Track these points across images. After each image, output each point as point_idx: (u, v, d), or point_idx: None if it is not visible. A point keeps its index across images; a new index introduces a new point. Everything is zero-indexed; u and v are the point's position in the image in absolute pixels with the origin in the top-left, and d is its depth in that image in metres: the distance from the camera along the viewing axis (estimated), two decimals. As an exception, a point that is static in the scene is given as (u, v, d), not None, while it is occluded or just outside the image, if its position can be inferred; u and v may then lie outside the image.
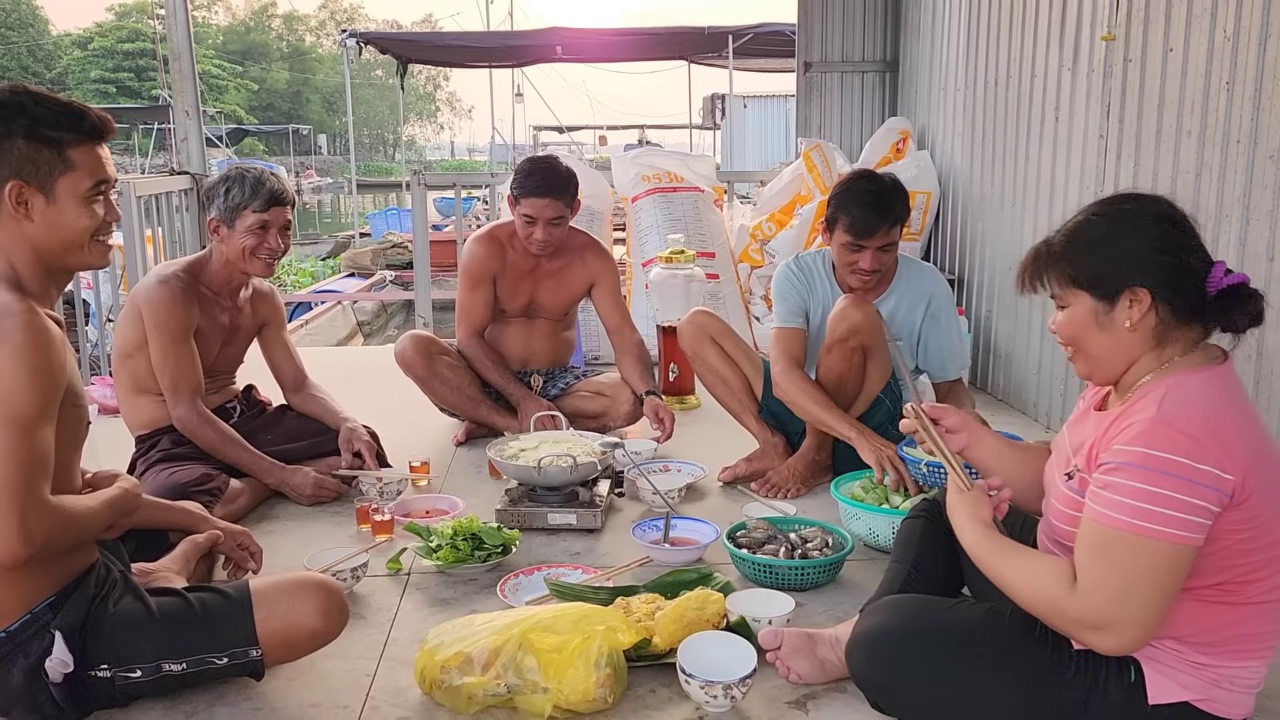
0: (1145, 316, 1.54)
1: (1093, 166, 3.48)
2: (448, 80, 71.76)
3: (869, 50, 5.75)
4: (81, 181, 1.73)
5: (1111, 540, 1.47)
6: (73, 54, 51.58)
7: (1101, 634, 1.50)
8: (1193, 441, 1.44)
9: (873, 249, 2.85)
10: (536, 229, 3.39)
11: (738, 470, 3.12)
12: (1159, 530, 1.44)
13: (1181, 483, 1.43)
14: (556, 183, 3.37)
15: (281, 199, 2.90)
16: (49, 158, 1.70)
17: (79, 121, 1.73)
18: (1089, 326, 1.59)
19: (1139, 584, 1.46)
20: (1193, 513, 1.44)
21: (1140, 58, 3.19)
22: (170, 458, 2.80)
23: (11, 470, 1.58)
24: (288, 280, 12.23)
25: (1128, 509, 1.46)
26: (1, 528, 1.57)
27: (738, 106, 21.60)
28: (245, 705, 1.87)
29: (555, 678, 1.79)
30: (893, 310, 3.01)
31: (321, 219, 27.22)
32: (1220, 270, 1.53)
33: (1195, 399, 1.49)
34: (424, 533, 2.53)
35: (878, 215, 2.82)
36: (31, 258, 1.73)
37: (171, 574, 2.08)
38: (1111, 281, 1.55)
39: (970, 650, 1.67)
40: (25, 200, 1.70)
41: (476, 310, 3.56)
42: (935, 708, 1.73)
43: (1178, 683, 1.56)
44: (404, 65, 14.34)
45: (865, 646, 1.78)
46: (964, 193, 4.70)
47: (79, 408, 1.77)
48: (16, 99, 1.69)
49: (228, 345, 3.04)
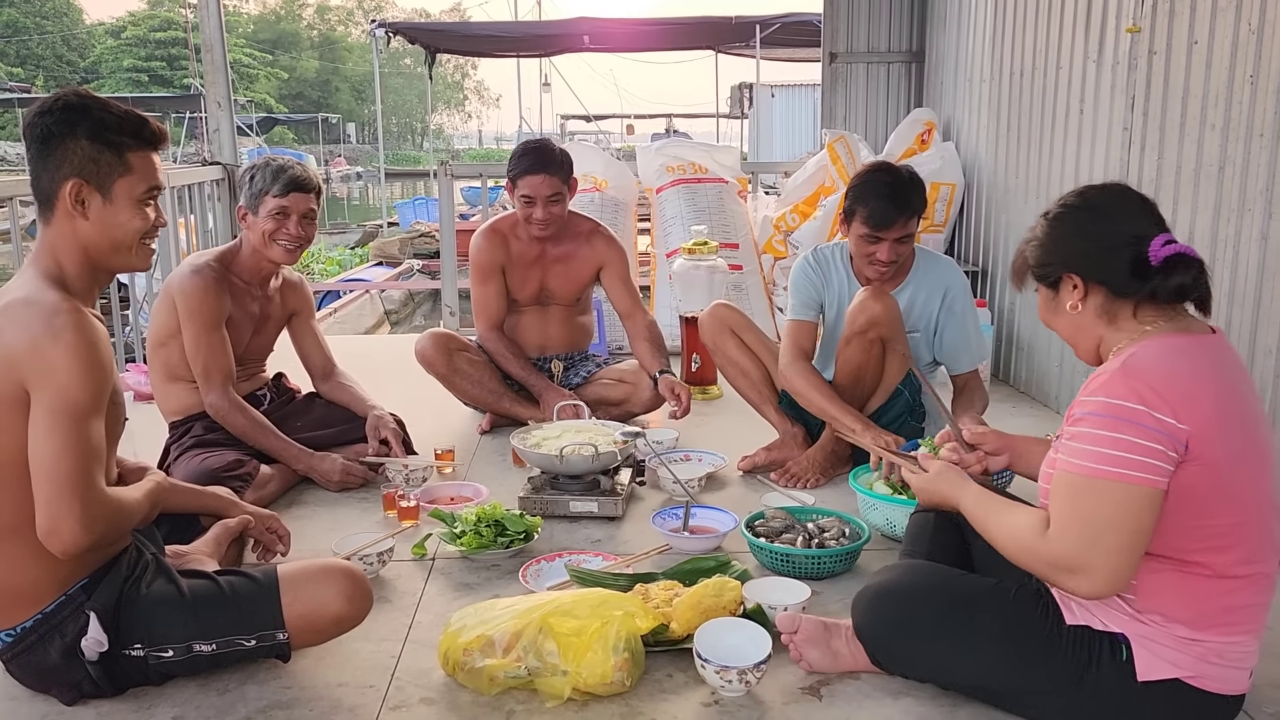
0: (1086, 299, 1.67)
1: (1116, 159, 3.47)
2: (475, 69, 71.95)
3: (895, 41, 5.73)
4: (137, 185, 1.80)
5: (1075, 485, 1.56)
6: (106, 43, 52.09)
7: (1075, 576, 1.56)
8: (1149, 390, 1.52)
9: (890, 241, 2.87)
10: (536, 208, 3.43)
11: (757, 459, 3.15)
12: (1117, 473, 1.52)
13: (1136, 428, 1.51)
14: (550, 160, 3.42)
15: (302, 186, 2.95)
16: (110, 160, 1.77)
17: (140, 129, 1.81)
18: (1048, 313, 1.77)
19: (1104, 526, 1.53)
20: (1150, 455, 1.51)
21: (1165, 50, 3.18)
22: (202, 444, 2.87)
23: (72, 462, 1.65)
24: (315, 269, 12.35)
25: (1088, 454, 1.55)
26: (66, 517, 1.64)
27: (765, 95, 21.52)
28: (275, 684, 1.93)
29: (574, 661, 1.83)
30: (910, 301, 3.03)
31: (350, 208, 27.39)
32: (1159, 242, 1.61)
33: (1159, 356, 1.57)
34: (448, 519, 2.58)
35: (895, 207, 2.83)
36: (80, 257, 1.80)
37: (204, 557, 2.14)
38: (1049, 272, 1.72)
39: (973, 616, 1.74)
40: (83, 199, 1.77)
41: (491, 303, 3.61)
42: (931, 667, 1.82)
43: (1166, 659, 1.60)
44: (432, 54, 14.42)
45: (872, 598, 1.86)
46: (988, 184, 4.69)
47: (117, 404, 1.84)
48: (82, 102, 1.78)
49: (258, 334, 3.11)
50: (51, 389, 1.65)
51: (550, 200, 3.44)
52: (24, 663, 1.83)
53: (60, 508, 1.64)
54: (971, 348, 3.09)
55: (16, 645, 1.81)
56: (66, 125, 1.75)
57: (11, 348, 1.67)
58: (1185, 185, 3.07)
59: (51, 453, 1.64)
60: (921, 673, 1.86)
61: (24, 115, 1.81)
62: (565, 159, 3.49)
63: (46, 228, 1.82)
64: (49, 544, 1.66)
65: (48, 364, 1.65)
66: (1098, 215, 1.68)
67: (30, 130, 1.78)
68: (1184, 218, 3.08)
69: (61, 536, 1.65)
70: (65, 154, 1.75)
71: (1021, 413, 3.96)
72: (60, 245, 1.80)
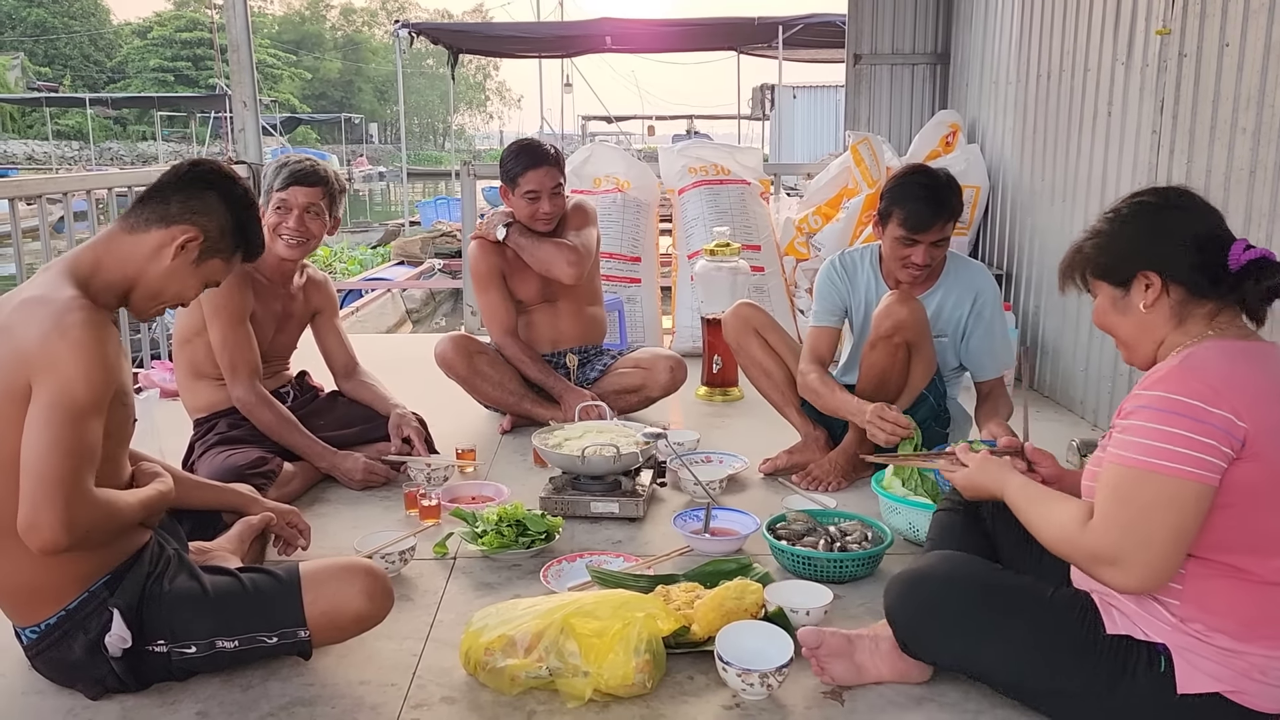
0: (1160, 298, 1.63)
1: (1145, 162, 3.43)
2: (497, 70, 72.14)
3: (920, 42, 5.70)
4: (216, 275, 1.96)
5: (1124, 477, 1.54)
6: (133, 43, 52.65)
7: (1114, 569, 1.55)
8: (1209, 388, 1.50)
9: (926, 244, 2.85)
10: (541, 202, 3.46)
11: (778, 462, 3.14)
12: (1167, 466, 1.50)
13: (1193, 423, 1.49)
14: (547, 154, 3.49)
15: (302, 179, 2.94)
16: (227, 245, 1.93)
17: (256, 250, 2.01)
18: (1111, 313, 1.71)
19: (1147, 518, 1.51)
20: (1203, 450, 1.49)
21: (1195, 52, 3.14)
22: (226, 440, 2.88)
23: (60, 460, 1.63)
24: (338, 268, 12.41)
25: (1139, 447, 1.53)
26: (46, 515, 1.62)
27: (787, 96, 21.48)
28: (298, 681, 1.93)
29: (595, 662, 1.83)
30: (939, 306, 3.01)
31: (372, 207, 27.52)
32: (1240, 246, 1.59)
33: (1220, 357, 1.56)
34: (470, 518, 2.58)
35: (932, 211, 2.82)
36: (122, 279, 1.84)
37: (227, 553, 2.15)
38: (1123, 268, 1.67)
39: (1008, 610, 1.71)
40: (187, 250, 1.85)
41: (499, 309, 3.62)
42: (960, 657, 1.79)
43: (1207, 673, 1.57)
44: (455, 55, 14.46)
45: (905, 584, 1.84)
46: (1013, 187, 4.65)
47: (127, 406, 1.83)
48: (250, 197, 1.98)
49: (281, 331, 3.12)
50: (53, 383, 1.64)
51: (554, 192, 3.48)
52: (49, 658, 1.84)
53: (42, 504, 1.62)
54: (998, 355, 3.06)
55: (41, 641, 1.82)
56: (228, 194, 1.91)
57: (22, 342, 1.67)
58: (1215, 190, 3.03)
59: (42, 448, 1.63)
60: (949, 661, 1.83)
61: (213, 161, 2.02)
62: (557, 152, 3.56)
63: (114, 237, 1.85)
64: (28, 540, 1.63)
65: (53, 358, 1.65)
66: (1180, 214, 1.66)
67: (201, 167, 1.93)
68: (1213, 222, 3.04)
69: (40, 533, 1.62)
70: (210, 209, 1.88)
71: (1045, 417, 3.93)
72: (112, 258, 1.83)
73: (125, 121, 46.95)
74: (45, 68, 49.62)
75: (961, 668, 1.83)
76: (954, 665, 1.84)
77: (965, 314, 3.02)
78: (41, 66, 49.45)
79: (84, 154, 39.82)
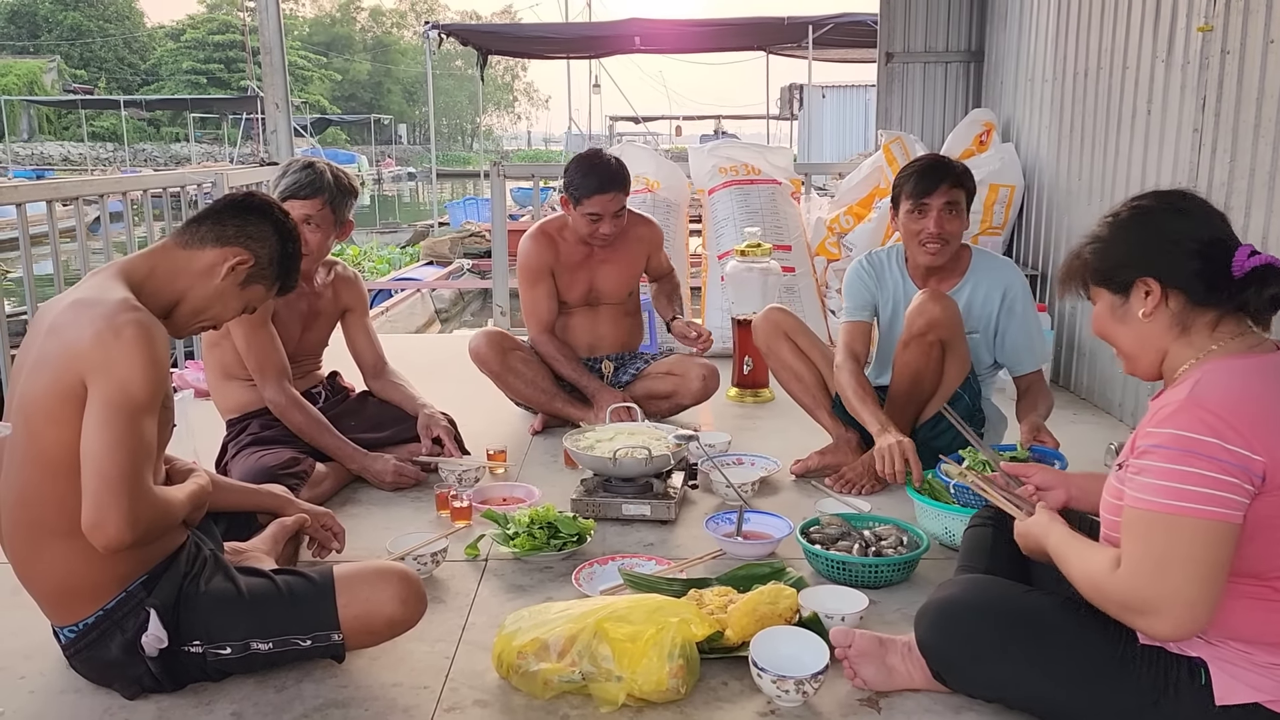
0: (1160, 306, 1.59)
1: (1186, 161, 3.37)
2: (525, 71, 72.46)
3: (953, 40, 5.64)
4: (256, 300, 2.02)
5: (1146, 522, 1.50)
6: (166, 46, 53.29)
7: (1148, 617, 1.51)
8: (1220, 421, 1.45)
9: (936, 208, 2.85)
10: (603, 224, 3.46)
11: (810, 463, 3.11)
12: (1189, 508, 1.45)
13: (1209, 461, 1.44)
14: (616, 177, 3.45)
15: (298, 193, 2.91)
16: (270, 274, 2.00)
17: (291, 285, 2.08)
18: (1111, 321, 1.67)
19: (1174, 563, 1.46)
20: (1222, 489, 1.44)
21: (1239, 49, 3.08)
22: (259, 441, 2.89)
23: (124, 457, 1.66)
24: (366, 267, 12.49)
25: (1158, 489, 1.48)
26: (112, 513, 1.65)
27: (816, 96, 21.39)
28: (331, 683, 1.93)
29: (629, 667, 1.81)
30: (968, 301, 2.98)
31: (401, 207, 27.68)
32: (1244, 253, 1.54)
33: (1228, 382, 1.50)
34: (501, 520, 2.58)
35: (936, 173, 2.87)
36: (169, 292, 1.89)
37: (261, 554, 2.16)
38: (1122, 275, 1.62)
39: (1041, 634, 1.67)
40: (236, 271, 1.92)
41: (541, 305, 3.62)
42: (997, 686, 1.75)
43: (1246, 684, 1.53)
44: (484, 56, 14.49)
45: (937, 614, 1.79)
46: (1049, 187, 4.59)
47: (168, 409, 1.86)
48: (298, 234, 2.05)
49: (309, 330, 3.13)
50: (111, 383, 1.67)
51: (616, 215, 3.48)
52: (86, 658, 1.85)
53: (108, 502, 1.65)
54: (1035, 348, 3.02)
55: (79, 641, 1.83)
56: (280, 226, 1.99)
57: (74, 342, 1.69)
58: (1259, 189, 2.97)
59: (104, 447, 1.65)
60: (986, 691, 1.80)
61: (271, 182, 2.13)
62: (624, 169, 3.52)
63: (168, 249, 1.91)
64: (92, 538, 1.67)
65: (109, 358, 1.67)
66: (1181, 218, 1.60)
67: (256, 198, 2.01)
68: (1257, 222, 2.98)
69: (106, 531, 1.65)
70: (263, 236, 1.96)
71: (1083, 419, 3.87)
72: (164, 272, 1.89)
73: (159, 123, 47.53)
74: (81, 70, 50.32)
75: (1001, 698, 1.79)
76: (994, 696, 1.79)
77: (996, 309, 2.99)
78: (77, 69, 50.16)
79: (118, 155, 40.37)
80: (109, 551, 1.68)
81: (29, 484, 1.75)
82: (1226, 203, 3.12)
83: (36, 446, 1.73)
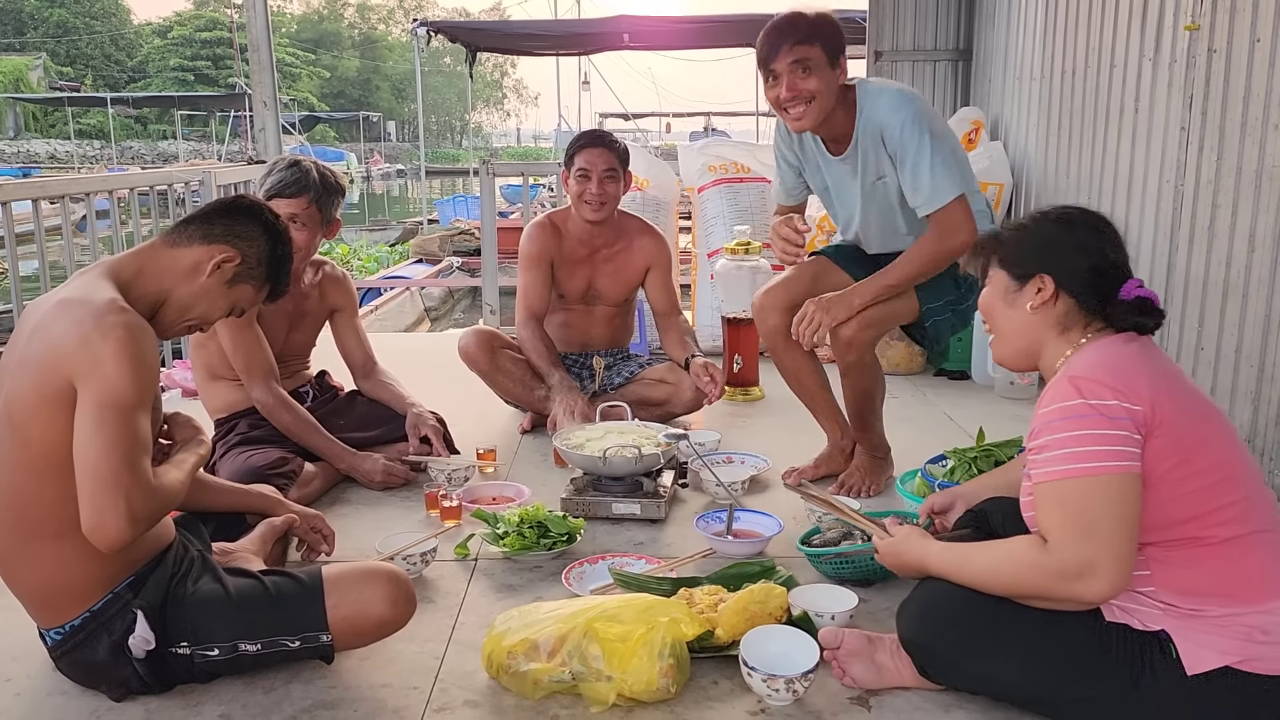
0: (1047, 303, 1.73)
1: (1173, 159, 3.39)
2: (515, 68, 72.34)
3: (942, 38, 5.65)
4: (244, 301, 2.00)
5: (1060, 491, 1.59)
6: (153, 43, 53.04)
7: (1086, 580, 1.57)
8: (1095, 383, 1.59)
9: (784, 71, 2.63)
10: (591, 182, 3.45)
11: (806, 474, 3.06)
12: (1095, 466, 1.56)
13: (1097, 419, 1.57)
14: (606, 138, 3.56)
15: (282, 192, 2.89)
16: (258, 275, 1.99)
17: (282, 290, 2.08)
18: (999, 302, 1.80)
19: (1098, 521, 1.55)
20: (1117, 443, 1.56)
21: (1225, 48, 3.09)
22: (247, 441, 2.88)
23: (117, 456, 1.65)
24: (355, 266, 12.45)
25: (1061, 458, 1.59)
26: (111, 513, 1.64)
27: (805, 94, 21.33)
28: (320, 684, 1.93)
29: (619, 666, 1.81)
30: (861, 168, 2.76)
31: (390, 205, 27.61)
32: (1134, 284, 1.71)
33: (1095, 354, 1.66)
34: (491, 519, 2.57)
35: (779, 33, 2.64)
36: (155, 291, 1.88)
37: (249, 554, 2.15)
38: (1025, 266, 1.76)
39: (1018, 622, 1.69)
40: (222, 269, 1.91)
41: (533, 291, 3.58)
42: (980, 677, 1.78)
43: (1212, 648, 1.57)
44: (472, 53, 14.45)
45: (918, 608, 1.83)
46: (1038, 184, 4.61)
47: (157, 410, 1.85)
48: (289, 237, 2.05)
49: (295, 330, 3.12)
50: (99, 384, 1.65)
51: (605, 175, 3.46)
52: (73, 660, 1.84)
53: (105, 505, 1.64)
54: (920, 187, 2.65)
55: (65, 643, 1.82)
56: (269, 226, 1.99)
57: (61, 343, 1.68)
58: (1246, 187, 2.99)
59: (97, 449, 1.64)
60: (971, 684, 1.82)
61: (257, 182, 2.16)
62: (622, 145, 3.59)
63: (156, 249, 1.90)
64: (94, 540, 1.66)
65: (97, 359, 1.66)
66: (1096, 235, 1.75)
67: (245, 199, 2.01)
68: (1244, 220, 3.00)
69: (107, 533, 1.65)
70: (251, 235, 1.96)
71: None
72: (152, 271, 1.88)
73: (146, 121, 47.34)
74: (67, 67, 50.05)
75: (986, 690, 1.81)
76: (979, 688, 1.82)
77: (887, 165, 2.74)
78: (63, 66, 49.88)
79: (105, 153, 40.21)
80: (112, 551, 1.68)
81: (14, 485, 1.74)
82: (1214, 200, 3.13)
83: (22, 447, 1.71)
